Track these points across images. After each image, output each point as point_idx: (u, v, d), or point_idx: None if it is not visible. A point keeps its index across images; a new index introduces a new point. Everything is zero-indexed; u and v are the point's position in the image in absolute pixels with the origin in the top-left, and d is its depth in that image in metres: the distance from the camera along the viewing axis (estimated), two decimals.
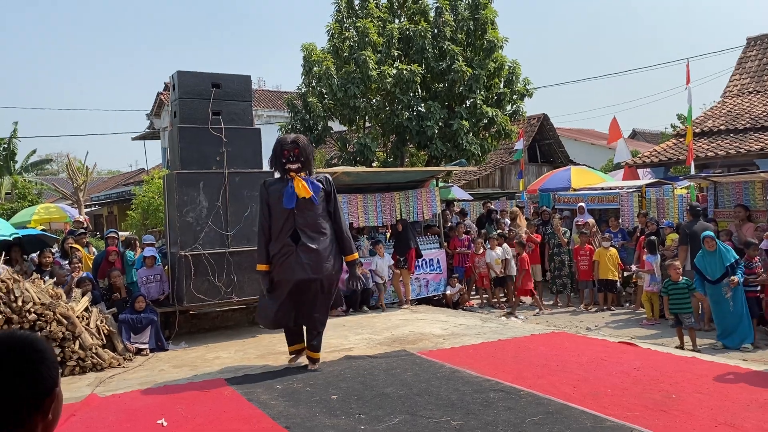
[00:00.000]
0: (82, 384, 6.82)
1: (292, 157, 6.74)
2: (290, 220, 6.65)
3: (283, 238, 6.66)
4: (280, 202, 6.63)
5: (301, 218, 6.67)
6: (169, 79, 9.56)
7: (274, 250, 6.71)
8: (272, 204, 6.73)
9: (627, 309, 11.02)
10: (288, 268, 6.63)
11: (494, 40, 15.92)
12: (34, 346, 1.46)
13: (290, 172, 6.71)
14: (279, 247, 6.68)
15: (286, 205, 6.60)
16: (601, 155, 31.71)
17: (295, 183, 6.66)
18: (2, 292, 7.11)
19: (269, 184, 6.85)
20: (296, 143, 6.81)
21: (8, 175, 28.63)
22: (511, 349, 7.53)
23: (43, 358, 1.45)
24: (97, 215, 34.88)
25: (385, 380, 6.28)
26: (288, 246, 6.64)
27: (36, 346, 1.46)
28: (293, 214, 6.64)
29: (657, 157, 17.55)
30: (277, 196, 6.67)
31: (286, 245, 6.65)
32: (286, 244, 6.65)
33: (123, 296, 8.98)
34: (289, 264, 6.63)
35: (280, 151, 6.79)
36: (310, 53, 16.08)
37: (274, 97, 33.30)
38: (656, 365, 6.56)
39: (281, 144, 6.83)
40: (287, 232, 6.66)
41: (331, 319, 10.16)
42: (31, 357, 1.43)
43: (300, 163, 6.77)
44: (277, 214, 6.70)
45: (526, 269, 11.32)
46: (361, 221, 11.60)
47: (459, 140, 15.39)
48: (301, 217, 6.67)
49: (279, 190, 6.69)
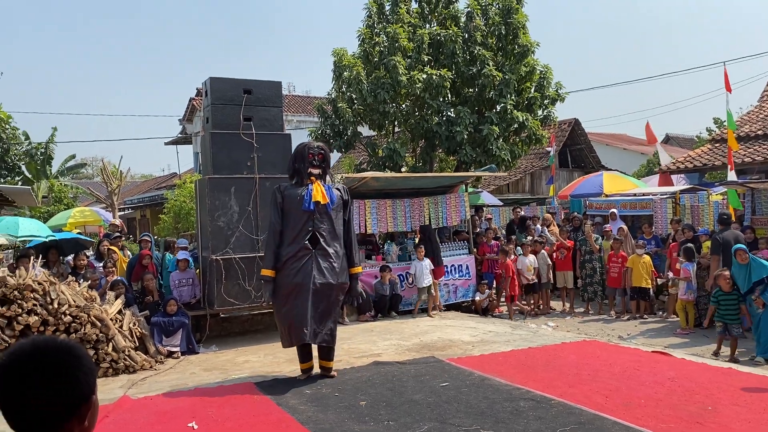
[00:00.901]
0: (114, 386, 6.92)
1: (315, 161, 6.78)
2: (309, 223, 6.62)
3: (300, 242, 6.59)
4: (299, 204, 6.59)
5: (319, 222, 6.66)
6: (202, 85, 9.69)
7: (288, 254, 6.59)
8: (288, 207, 6.67)
9: (660, 317, 10.81)
10: (304, 272, 6.54)
11: (526, 45, 15.82)
12: (72, 353, 1.48)
13: (311, 177, 6.73)
14: (295, 250, 6.58)
15: (306, 208, 6.58)
16: (634, 160, 31.26)
17: (314, 187, 6.66)
18: (39, 294, 7.26)
19: (285, 188, 6.79)
20: (321, 149, 6.90)
21: (45, 179, 29.29)
22: (542, 357, 7.44)
23: (81, 365, 1.47)
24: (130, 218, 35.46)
25: (414, 387, 6.26)
26: (305, 249, 6.58)
27: (74, 353, 1.48)
28: (312, 217, 6.63)
29: (692, 163, 17.23)
30: (296, 199, 6.63)
31: (304, 248, 6.58)
32: (304, 247, 6.58)
33: (155, 299, 9.11)
34: (306, 267, 6.55)
35: (305, 153, 6.80)
36: (340, 58, 16.16)
37: (303, 103, 33.55)
38: (691, 376, 6.42)
39: (308, 147, 6.86)
40: (305, 236, 6.60)
41: (359, 324, 10.25)
42: (69, 363, 1.46)
43: (321, 170, 6.82)
44: (294, 217, 6.64)
45: (510, 276, 11.38)
46: (389, 226, 11.59)
47: (489, 145, 15.30)
48: (319, 222, 6.66)
49: (298, 194, 6.66)
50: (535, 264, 11.55)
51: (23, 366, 1.43)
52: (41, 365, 1.43)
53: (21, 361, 1.43)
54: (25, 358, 1.44)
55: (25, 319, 7.02)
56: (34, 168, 30.40)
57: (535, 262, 11.57)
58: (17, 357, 1.44)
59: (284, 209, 6.69)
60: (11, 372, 1.42)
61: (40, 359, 1.44)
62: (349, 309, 10.73)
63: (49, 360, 1.44)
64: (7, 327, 6.97)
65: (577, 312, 11.69)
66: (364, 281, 10.97)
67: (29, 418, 1.42)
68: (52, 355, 1.45)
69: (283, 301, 6.65)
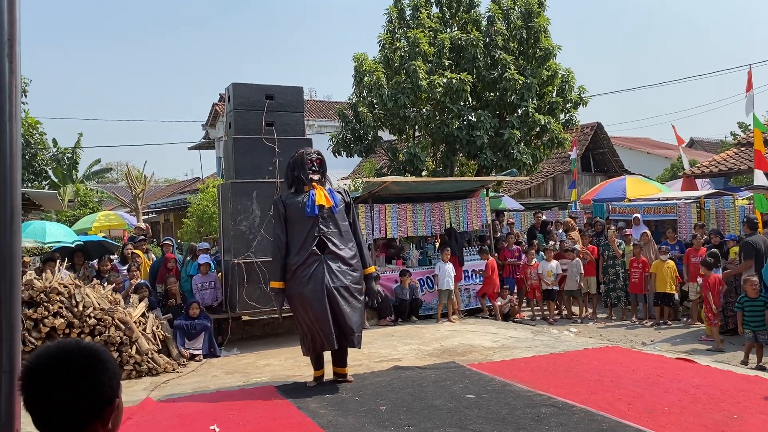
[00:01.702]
0: (138, 388, 7.01)
1: (314, 167, 6.82)
2: (315, 228, 6.59)
3: (308, 248, 6.55)
4: (303, 211, 6.58)
5: (325, 227, 6.63)
6: (225, 90, 9.79)
7: (297, 261, 6.54)
8: (292, 216, 6.64)
9: (684, 323, 10.66)
10: (315, 278, 6.49)
11: (548, 48, 15.74)
12: (98, 357, 1.51)
13: (311, 182, 6.74)
14: (304, 257, 6.53)
15: (310, 213, 6.55)
16: (657, 165, 30.90)
17: (317, 192, 6.67)
18: (64, 296, 7.38)
19: (286, 198, 6.76)
20: (319, 154, 6.96)
21: (71, 183, 29.79)
22: (564, 363, 7.38)
23: (105, 369, 1.50)
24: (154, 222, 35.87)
25: (434, 392, 6.25)
26: (314, 255, 6.55)
27: (99, 357, 1.51)
28: (317, 222, 6.60)
29: (716, 167, 16.99)
30: (299, 206, 6.61)
31: (312, 254, 6.54)
32: (312, 253, 6.55)
33: (178, 302, 9.20)
34: (317, 273, 6.50)
35: (304, 160, 6.81)
36: (361, 63, 16.22)
37: (324, 107, 33.71)
38: (716, 383, 6.32)
39: (305, 154, 6.89)
40: (312, 241, 6.57)
41: (379, 329, 10.26)
42: (93, 366, 1.49)
43: (320, 174, 6.85)
44: (300, 224, 6.61)
45: (489, 275, 11.39)
46: (410, 231, 11.60)
47: (510, 149, 15.24)
48: (325, 226, 6.63)
49: (300, 201, 6.64)
50: (557, 270, 11.43)
51: (49, 368, 1.46)
52: (66, 368, 1.46)
53: (47, 364, 1.47)
54: (51, 361, 1.47)
55: (51, 322, 7.14)
56: (61, 172, 30.95)
57: (557, 268, 11.46)
58: (44, 359, 1.47)
59: (288, 218, 6.66)
60: (37, 374, 1.46)
61: (66, 362, 1.47)
62: (370, 313, 10.74)
63: (74, 363, 1.48)
64: (33, 329, 7.10)
65: (599, 318, 11.57)
66: (385, 286, 10.99)
67: (54, 419, 1.45)
68: (78, 358, 1.48)
69: (301, 310, 6.59)
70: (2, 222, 1.48)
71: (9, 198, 1.48)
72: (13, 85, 1.49)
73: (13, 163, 1.50)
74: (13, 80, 1.50)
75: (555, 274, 11.37)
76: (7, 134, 1.49)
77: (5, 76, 1.48)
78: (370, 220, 11.13)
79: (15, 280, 1.48)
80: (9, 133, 1.50)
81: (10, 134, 1.50)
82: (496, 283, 11.49)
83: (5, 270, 1.48)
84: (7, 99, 1.49)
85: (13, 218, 1.48)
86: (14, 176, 1.49)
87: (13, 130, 1.51)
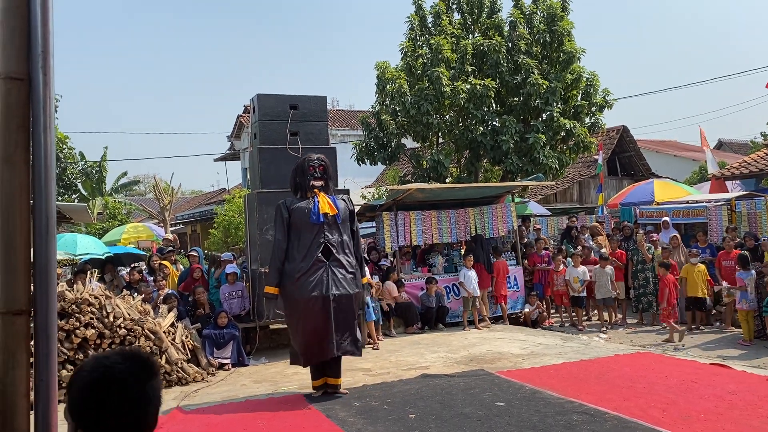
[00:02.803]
0: (168, 398, 7.05)
1: (317, 173, 6.72)
2: (320, 235, 6.52)
3: (313, 254, 6.46)
4: (308, 217, 6.51)
5: (329, 234, 6.56)
6: (249, 101, 9.88)
7: (303, 268, 6.43)
8: (296, 221, 6.56)
9: (717, 328, 10.45)
10: (321, 285, 6.39)
11: (571, 52, 15.62)
12: (155, 384, 1.55)
13: (314, 189, 6.65)
14: (309, 264, 6.42)
15: (315, 221, 6.49)
16: (685, 167, 30.44)
17: (320, 199, 6.59)
18: (95, 307, 7.48)
19: (290, 203, 6.66)
20: (322, 160, 6.83)
21: (100, 196, 30.30)
22: (594, 370, 7.27)
23: (158, 399, 1.55)
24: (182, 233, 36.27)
25: (464, 400, 6.19)
26: (320, 262, 6.45)
27: (157, 384, 1.55)
28: (323, 229, 6.53)
29: (747, 168, 16.68)
30: (304, 213, 6.54)
31: (318, 261, 6.45)
32: (318, 260, 6.45)
33: (206, 312, 9.27)
34: (322, 280, 6.41)
35: (306, 166, 6.72)
36: (383, 71, 16.25)
37: (347, 116, 33.84)
38: (753, 389, 6.17)
39: (307, 160, 6.78)
40: (317, 248, 6.49)
41: (406, 337, 10.22)
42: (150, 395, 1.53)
43: (323, 181, 6.75)
44: (304, 230, 6.54)
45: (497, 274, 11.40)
46: (435, 238, 11.56)
47: (535, 154, 15.12)
48: (330, 233, 6.57)
49: (305, 208, 6.57)
50: (584, 276, 11.27)
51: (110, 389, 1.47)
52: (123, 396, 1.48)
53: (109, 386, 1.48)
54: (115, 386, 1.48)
55: (82, 332, 7.24)
56: (90, 186, 31.50)
57: (585, 274, 11.30)
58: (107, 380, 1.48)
59: (292, 224, 6.59)
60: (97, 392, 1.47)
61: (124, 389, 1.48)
62: (396, 321, 10.72)
63: (132, 393, 1.49)
64: (66, 340, 7.20)
65: (629, 323, 11.39)
66: (410, 293, 10.96)
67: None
68: (135, 386, 1.49)
69: (301, 317, 6.46)
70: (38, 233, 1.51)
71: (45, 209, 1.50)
72: (47, 96, 1.52)
73: (48, 175, 1.52)
74: (47, 92, 1.52)
75: (582, 281, 11.21)
76: (42, 145, 1.52)
77: (40, 87, 1.50)
78: (394, 228, 11.11)
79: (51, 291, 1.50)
80: (44, 144, 1.53)
81: (45, 145, 1.53)
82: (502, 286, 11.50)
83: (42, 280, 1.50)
84: (42, 110, 1.51)
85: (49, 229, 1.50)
86: (49, 187, 1.51)
87: (48, 142, 1.53)
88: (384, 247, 11.36)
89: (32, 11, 1.50)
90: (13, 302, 1.53)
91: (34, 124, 1.51)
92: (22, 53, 1.52)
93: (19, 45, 1.52)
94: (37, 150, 1.50)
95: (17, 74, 1.53)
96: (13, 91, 1.50)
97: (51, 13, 1.54)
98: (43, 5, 1.50)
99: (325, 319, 6.35)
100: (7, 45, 1.53)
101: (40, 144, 1.51)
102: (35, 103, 1.50)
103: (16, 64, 1.53)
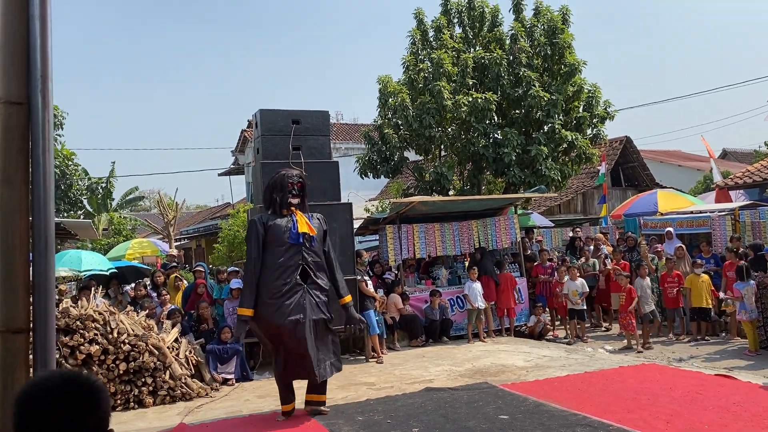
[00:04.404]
0: (172, 413, 7.07)
1: (295, 190, 6.44)
2: (297, 256, 6.22)
3: (290, 276, 6.15)
4: (285, 237, 6.21)
5: (307, 255, 6.28)
6: (252, 117, 9.95)
7: (279, 291, 6.10)
8: (273, 240, 6.21)
9: (722, 338, 10.40)
10: (299, 308, 6.11)
11: (573, 64, 15.70)
12: (100, 388, 1.56)
13: (291, 206, 6.38)
14: (287, 286, 6.12)
15: (294, 241, 6.20)
16: (690, 177, 30.42)
17: (298, 218, 6.31)
18: (99, 323, 7.51)
19: (266, 220, 6.31)
20: (300, 177, 6.59)
21: (105, 212, 30.43)
22: (599, 382, 7.25)
23: (106, 400, 1.56)
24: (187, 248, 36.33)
25: (467, 413, 6.18)
26: (297, 285, 6.16)
27: (101, 388, 1.56)
28: (301, 250, 6.24)
29: (750, 178, 16.66)
30: (282, 231, 6.23)
31: (296, 284, 6.16)
32: (296, 282, 6.16)
33: (210, 327, 9.29)
34: (300, 303, 6.12)
35: (285, 182, 6.42)
36: (385, 85, 16.35)
37: (351, 130, 33.97)
38: (758, 400, 6.15)
39: (287, 176, 6.49)
40: (295, 270, 6.20)
41: (410, 350, 10.20)
42: (97, 397, 1.53)
43: (300, 198, 6.49)
44: (281, 250, 6.20)
45: (507, 286, 11.34)
46: (438, 250, 11.56)
47: (537, 166, 15.16)
48: (307, 254, 6.28)
49: (283, 225, 6.26)
50: (583, 289, 11.19)
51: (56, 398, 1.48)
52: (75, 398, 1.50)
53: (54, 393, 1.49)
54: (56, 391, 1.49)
55: (87, 348, 7.27)
56: (95, 202, 31.64)
57: (584, 286, 11.22)
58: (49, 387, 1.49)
59: (267, 242, 6.24)
60: (41, 402, 1.48)
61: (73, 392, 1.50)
62: (400, 334, 10.71)
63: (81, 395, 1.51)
64: (70, 356, 7.23)
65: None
66: (414, 306, 10.96)
67: None
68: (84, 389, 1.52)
69: (280, 341, 6.23)
70: (38, 252, 1.54)
71: (44, 229, 1.54)
72: (46, 119, 1.56)
73: (47, 196, 1.56)
74: (47, 115, 1.56)
75: (581, 293, 11.13)
76: (41, 167, 1.56)
77: (38, 111, 1.55)
78: (398, 241, 11.13)
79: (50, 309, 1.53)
80: (43, 165, 1.57)
81: (44, 166, 1.57)
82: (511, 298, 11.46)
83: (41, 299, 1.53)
84: (41, 133, 1.55)
85: (48, 248, 1.54)
86: (48, 208, 1.55)
87: (47, 163, 1.57)
88: (387, 260, 11.37)
89: (32, 37, 1.55)
90: (13, 321, 1.56)
91: (33, 146, 1.55)
92: (22, 78, 1.57)
93: (18, 70, 1.57)
94: (36, 171, 1.54)
95: (17, 98, 1.57)
96: (13, 115, 1.55)
97: (50, 39, 1.58)
98: (42, 31, 1.55)
99: (305, 345, 6.08)
100: (7, 70, 1.58)
101: (39, 166, 1.55)
102: (34, 126, 1.54)
103: (16, 89, 1.57)
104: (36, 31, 1.54)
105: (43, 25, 1.54)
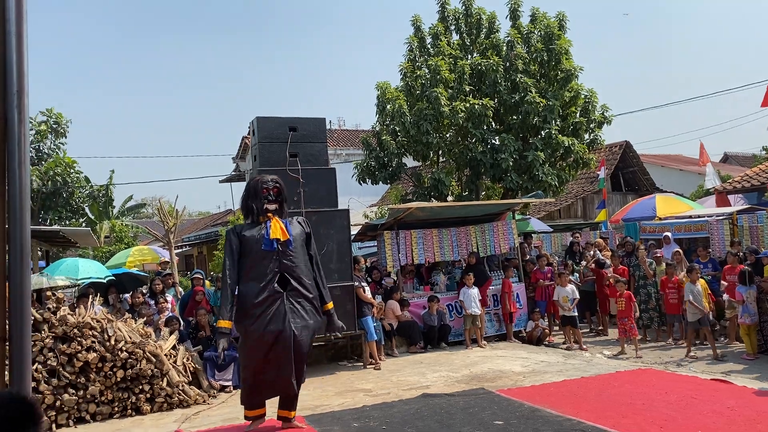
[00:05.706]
0: (169, 420, 7.09)
1: (271, 196, 6.16)
2: (275, 263, 5.98)
3: (268, 284, 5.92)
4: (260, 245, 5.98)
5: (286, 261, 6.02)
6: (249, 124, 10.00)
7: (257, 300, 5.88)
8: (248, 250, 6.01)
9: (720, 343, 10.40)
10: (278, 318, 5.87)
11: (569, 70, 15.75)
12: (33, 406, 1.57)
13: (267, 213, 6.12)
14: (265, 295, 5.89)
15: (267, 248, 5.96)
16: (691, 181, 30.40)
17: (272, 224, 6.04)
18: (97, 331, 7.54)
19: (241, 230, 6.12)
20: (276, 182, 6.30)
21: (107, 219, 30.48)
22: (595, 387, 7.26)
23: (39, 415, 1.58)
24: (188, 255, 36.41)
25: (463, 419, 6.20)
26: (277, 293, 5.92)
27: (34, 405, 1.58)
28: (278, 257, 5.99)
29: (749, 182, 16.68)
30: (256, 239, 6.00)
31: (275, 292, 5.92)
32: (275, 291, 5.92)
33: (208, 334, 9.32)
34: (279, 313, 5.89)
35: (258, 189, 6.17)
36: (383, 92, 16.42)
37: (352, 136, 34.08)
38: (753, 404, 6.16)
39: (261, 182, 6.22)
40: (273, 278, 5.95)
41: (408, 356, 10.21)
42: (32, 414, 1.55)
43: (278, 204, 6.23)
44: (257, 259, 5.98)
45: (506, 291, 11.40)
46: (436, 256, 11.59)
47: (534, 171, 15.20)
48: (286, 260, 6.02)
49: (256, 234, 6.03)
50: (574, 295, 11.14)
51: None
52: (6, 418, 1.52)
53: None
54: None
55: (84, 356, 7.30)
56: (97, 209, 31.71)
57: (574, 293, 11.17)
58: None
59: (243, 252, 6.04)
60: None
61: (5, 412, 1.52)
62: (399, 340, 10.72)
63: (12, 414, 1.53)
64: (68, 364, 7.26)
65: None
66: (413, 312, 10.97)
67: None
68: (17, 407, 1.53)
69: (258, 352, 5.95)
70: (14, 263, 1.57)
71: (19, 239, 1.57)
72: (22, 133, 1.59)
73: (23, 207, 1.59)
74: (23, 129, 1.60)
75: (571, 299, 11.08)
76: (17, 179, 1.59)
77: (15, 125, 1.58)
78: (396, 247, 11.16)
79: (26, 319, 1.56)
80: (19, 178, 1.60)
81: (20, 179, 1.60)
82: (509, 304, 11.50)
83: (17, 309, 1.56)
84: (17, 146, 1.59)
85: (23, 260, 1.57)
86: (24, 219, 1.58)
87: (23, 176, 1.61)
88: (386, 266, 11.40)
89: (8, 53, 1.58)
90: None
91: (9, 159, 1.59)
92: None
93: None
94: (12, 184, 1.58)
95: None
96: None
97: (26, 55, 1.61)
98: (18, 47, 1.58)
99: (284, 355, 5.89)
100: None
101: (15, 178, 1.58)
102: (11, 140, 1.58)
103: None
104: (12, 47, 1.58)
105: (19, 42, 1.57)
